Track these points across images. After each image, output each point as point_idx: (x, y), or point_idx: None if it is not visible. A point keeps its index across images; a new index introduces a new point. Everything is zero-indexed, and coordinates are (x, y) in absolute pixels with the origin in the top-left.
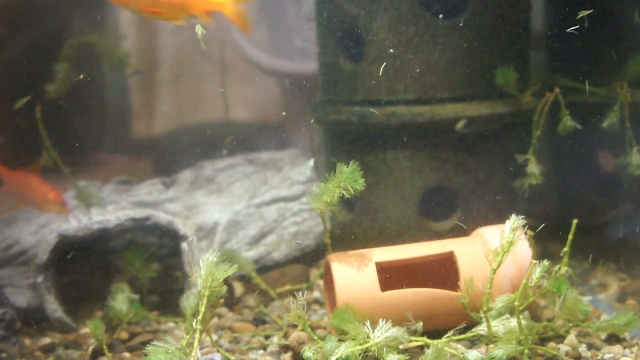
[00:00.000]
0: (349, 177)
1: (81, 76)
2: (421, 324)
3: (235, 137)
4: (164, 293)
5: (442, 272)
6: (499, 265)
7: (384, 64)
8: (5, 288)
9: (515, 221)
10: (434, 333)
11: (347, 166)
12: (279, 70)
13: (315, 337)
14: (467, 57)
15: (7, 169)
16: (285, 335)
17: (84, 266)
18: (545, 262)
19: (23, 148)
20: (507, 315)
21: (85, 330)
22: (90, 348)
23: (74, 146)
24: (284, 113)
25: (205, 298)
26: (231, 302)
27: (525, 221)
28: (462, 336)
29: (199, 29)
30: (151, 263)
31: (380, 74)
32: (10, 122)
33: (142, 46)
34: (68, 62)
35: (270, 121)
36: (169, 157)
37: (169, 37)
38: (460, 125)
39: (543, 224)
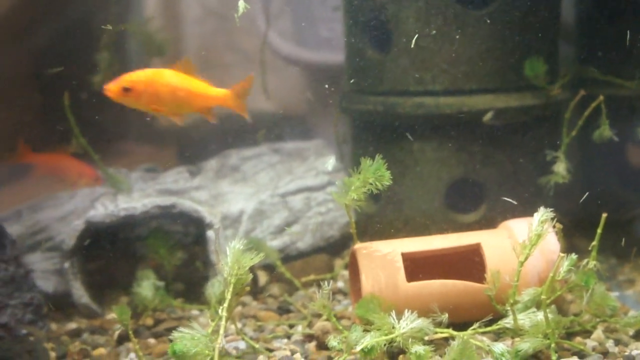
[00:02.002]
0: (374, 173)
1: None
2: (447, 315)
3: (262, 128)
4: (189, 281)
5: (469, 264)
6: (526, 258)
7: (416, 35)
8: (33, 273)
9: (543, 214)
10: (459, 325)
11: (373, 159)
12: (304, 60)
13: (340, 327)
14: (496, 48)
15: (38, 154)
16: (310, 325)
17: (110, 253)
18: (574, 256)
19: (53, 137)
20: (534, 309)
21: (110, 316)
22: (116, 333)
23: (100, 134)
24: (309, 103)
25: (231, 286)
26: (255, 291)
27: (554, 214)
28: (488, 329)
29: (241, 5)
30: (176, 251)
31: (412, 45)
32: (41, 111)
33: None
34: (109, 51)
35: (296, 111)
36: (194, 146)
37: (195, 27)
38: (488, 117)
39: (570, 219)
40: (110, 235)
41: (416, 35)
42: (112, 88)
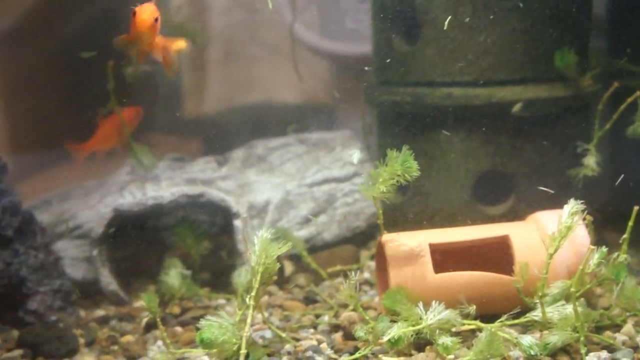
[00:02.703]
0: (402, 165)
1: None
2: (474, 307)
3: (288, 118)
4: (215, 270)
5: (496, 256)
6: (556, 250)
7: (449, 17)
8: (62, 260)
9: (573, 206)
10: (487, 317)
11: (399, 151)
12: (330, 52)
13: (367, 317)
14: (526, 39)
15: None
16: (336, 315)
17: (137, 241)
18: (604, 249)
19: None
20: (563, 302)
21: (138, 304)
22: (144, 321)
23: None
24: (335, 95)
25: (259, 275)
26: (281, 281)
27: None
28: (516, 321)
29: None
30: (203, 240)
31: (445, 27)
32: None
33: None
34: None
35: (322, 103)
36: (220, 136)
37: (221, 18)
38: (517, 108)
39: (600, 212)
40: (138, 224)
41: (449, 17)
42: (148, 19)
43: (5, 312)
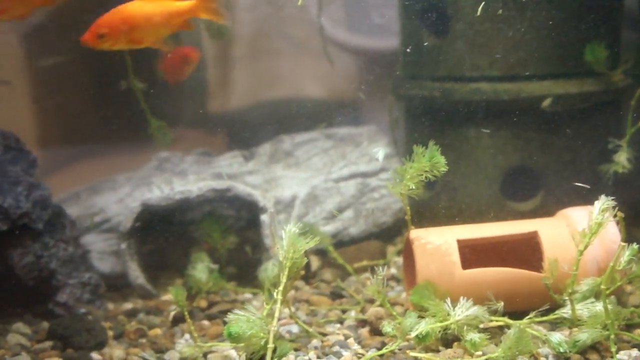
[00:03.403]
0: (430, 160)
1: None
2: (502, 303)
3: (316, 115)
4: (241, 265)
5: (525, 252)
6: (586, 247)
7: (482, 3)
8: (90, 254)
9: (604, 202)
10: (514, 314)
11: (427, 146)
12: (356, 47)
13: (394, 313)
14: (556, 33)
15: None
16: (363, 310)
17: (165, 235)
18: (635, 246)
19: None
20: (592, 299)
21: (165, 297)
22: (172, 314)
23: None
24: (361, 90)
25: (287, 269)
26: (308, 275)
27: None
28: (545, 318)
29: None
30: (229, 234)
31: (477, 13)
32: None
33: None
34: (174, 38)
35: (349, 98)
36: (245, 131)
37: (247, 14)
38: (546, 103)
39: (630, 209)
40: (166, 218)
41: (482, 3)
42: (87, 38)
43: (35, 304)
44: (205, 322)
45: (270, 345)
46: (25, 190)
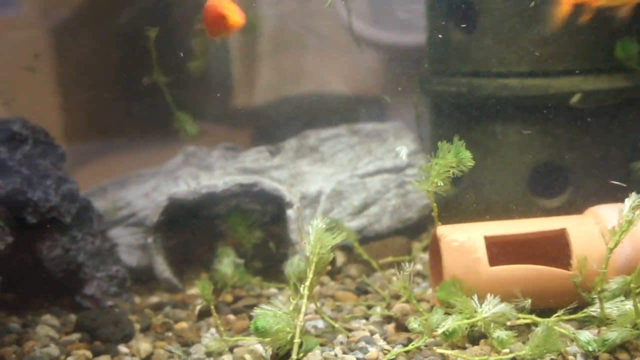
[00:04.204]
0: (456, 157)
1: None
2: (529, 301)
3: (339, 109)
4: (266, 259)
5: (553, 250)
6: (616, 245)
7: None
8: (117, 247)
9: (635, 200)
10: (542, 312)
11: (452, 142)
12: (382, 42)
13: (421, 309)
14: (585, 28)
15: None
16: (388, 306)
17: (191, 229)
18: None
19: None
20: (622, 298)
21: (191, 291)
22: (197, 308)
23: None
24: (387, 85)
25: (313, 264)
26: (333, 271)
27: None
28: (573, 316)
29: None
30: (255, 229)
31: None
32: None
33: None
34: (203, 35)
35: (374, 93)
36: (270, 126)
37: (271, 9)
38: (575, 99)
39: None
40: (192, 212)
41: None
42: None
43: (63, 297)
44: (231, 317)
45: (297, 340)
46: (54, 184)
